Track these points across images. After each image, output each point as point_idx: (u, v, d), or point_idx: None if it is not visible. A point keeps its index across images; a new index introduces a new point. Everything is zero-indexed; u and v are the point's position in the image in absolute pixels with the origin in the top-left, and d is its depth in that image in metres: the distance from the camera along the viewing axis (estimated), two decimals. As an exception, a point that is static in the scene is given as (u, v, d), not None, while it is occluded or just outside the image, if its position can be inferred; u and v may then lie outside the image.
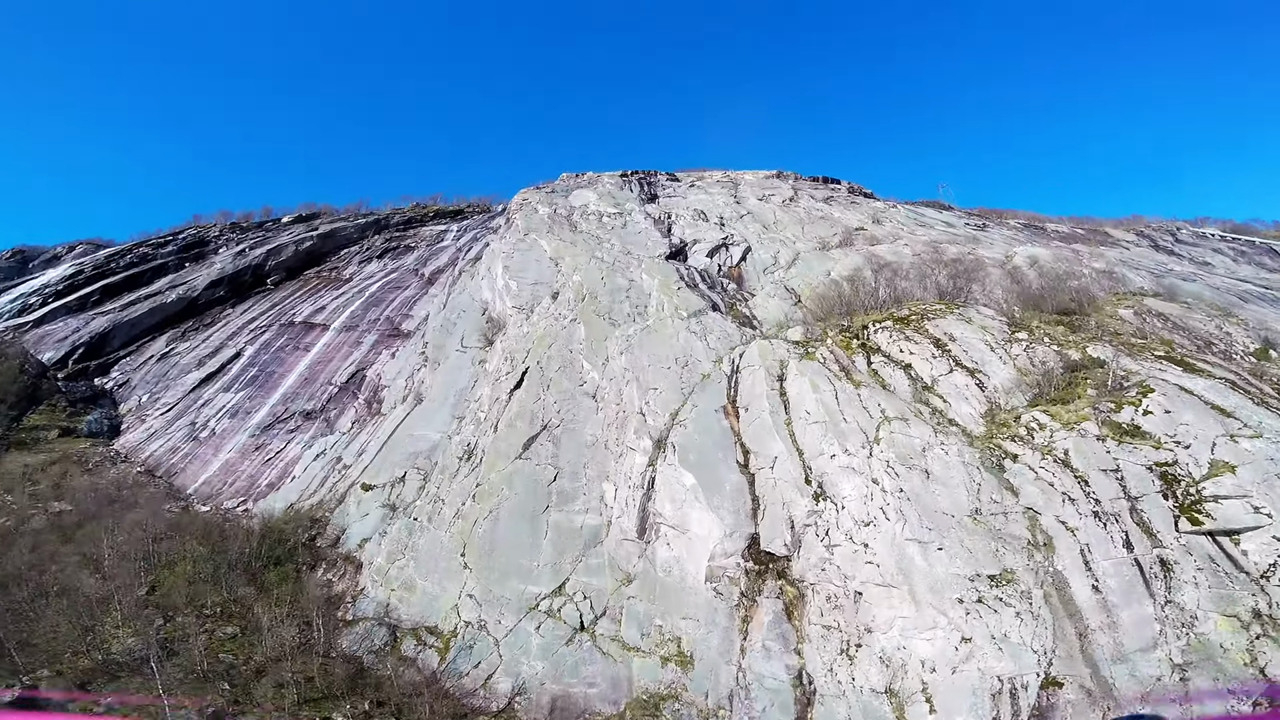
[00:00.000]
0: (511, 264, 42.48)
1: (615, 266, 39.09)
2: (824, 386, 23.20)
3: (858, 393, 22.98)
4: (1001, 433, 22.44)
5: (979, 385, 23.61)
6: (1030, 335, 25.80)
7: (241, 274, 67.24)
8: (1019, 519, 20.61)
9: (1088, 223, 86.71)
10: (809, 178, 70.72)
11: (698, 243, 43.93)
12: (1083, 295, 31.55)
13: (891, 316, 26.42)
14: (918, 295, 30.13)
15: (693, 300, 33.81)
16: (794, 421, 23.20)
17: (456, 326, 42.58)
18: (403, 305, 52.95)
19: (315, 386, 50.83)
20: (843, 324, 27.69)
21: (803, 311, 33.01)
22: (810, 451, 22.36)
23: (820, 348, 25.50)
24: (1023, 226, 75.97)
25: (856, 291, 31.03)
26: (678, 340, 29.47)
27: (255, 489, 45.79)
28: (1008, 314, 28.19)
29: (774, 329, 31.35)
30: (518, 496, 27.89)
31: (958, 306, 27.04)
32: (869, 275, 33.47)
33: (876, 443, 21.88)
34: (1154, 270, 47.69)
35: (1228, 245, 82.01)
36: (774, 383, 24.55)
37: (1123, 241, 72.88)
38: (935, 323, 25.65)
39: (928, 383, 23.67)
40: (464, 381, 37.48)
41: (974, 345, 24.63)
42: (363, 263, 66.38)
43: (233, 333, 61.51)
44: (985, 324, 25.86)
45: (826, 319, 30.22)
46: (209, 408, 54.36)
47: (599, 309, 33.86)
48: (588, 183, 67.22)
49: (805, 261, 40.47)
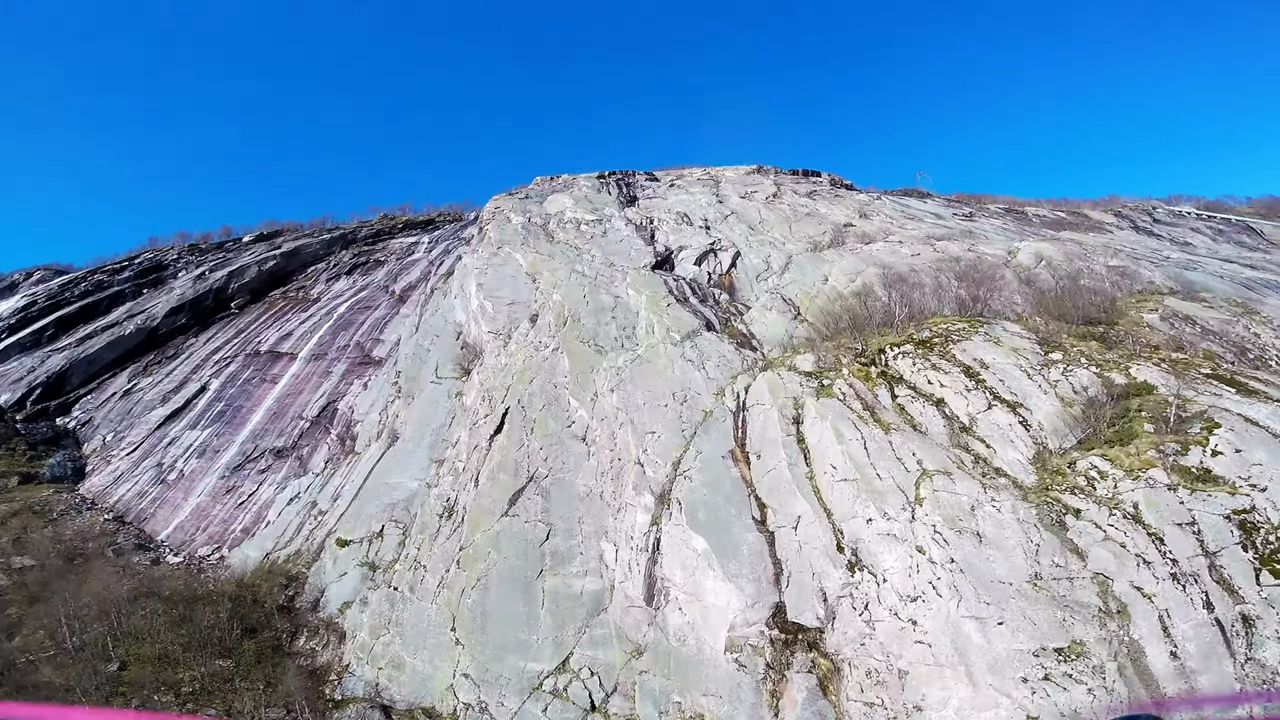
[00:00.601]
0: (485, 281, 38.31)
1: (598, 281, 35.16)
2: (849, 433, 19.60)
3: (889, 439, 19.44)
4: (1057, 483, 19.09)
5: (1023, 423, 20.21)
6: (1065, 355, 22.46)
7: (203, 299, 61.99)
8: (1087, 585, 17.32)
9: (1065, 205, 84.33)
10: (789, 171, 67.06)
11: (684, 249, 40.08)
12: (1103, 299, 28.39)
13: (911, 339, 22.86)
14: (930, 307, 26.69)
15: (685, 319, 30.03)
16: (818, 475, 19.64)
17: (430, 354, 38.37)
18: (373, 328, 48.46)
19: (285, 422, 46.35)
20: (855, 347, 24.08)
21: (805, 327, 29.40)
22: (841, 513, 18.86)
23: (837, 380, 21.87)
24: (1004, 212, 73.23)
25: (864, 305, 27.49)
26: (673, 371, 25.71)
27: (229, 535, 41.67)
28: (1033, 329, 24.85)
29: (776, 350, 27.74)
30: (507, 561, 24.11)
31: (981, 324, 23.58)
32: (875, 286, 29.97)
33: (919, 504, 18.40)
34: (1152, 259, 44.92)
35: (1205, 224, 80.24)
36: (789, 426, 20.94)
37: (1105, 224, 70.41)
38: (962, 346, 22.15)
39: (965, 423, 20.19)
40: (440, 418, 33.42)
41: (1009, 373, 21.21)
42: (330, 280, 61.47)
43: (197, 365, 56.47)
44: (1016, 345, 22.43)
45: (834, 338, 26.66)
46: (176, 446, 49.70)
47: (583, 334, 29.96)
48: (563, 186, 62.82)
49: (799, 266, 36.84)
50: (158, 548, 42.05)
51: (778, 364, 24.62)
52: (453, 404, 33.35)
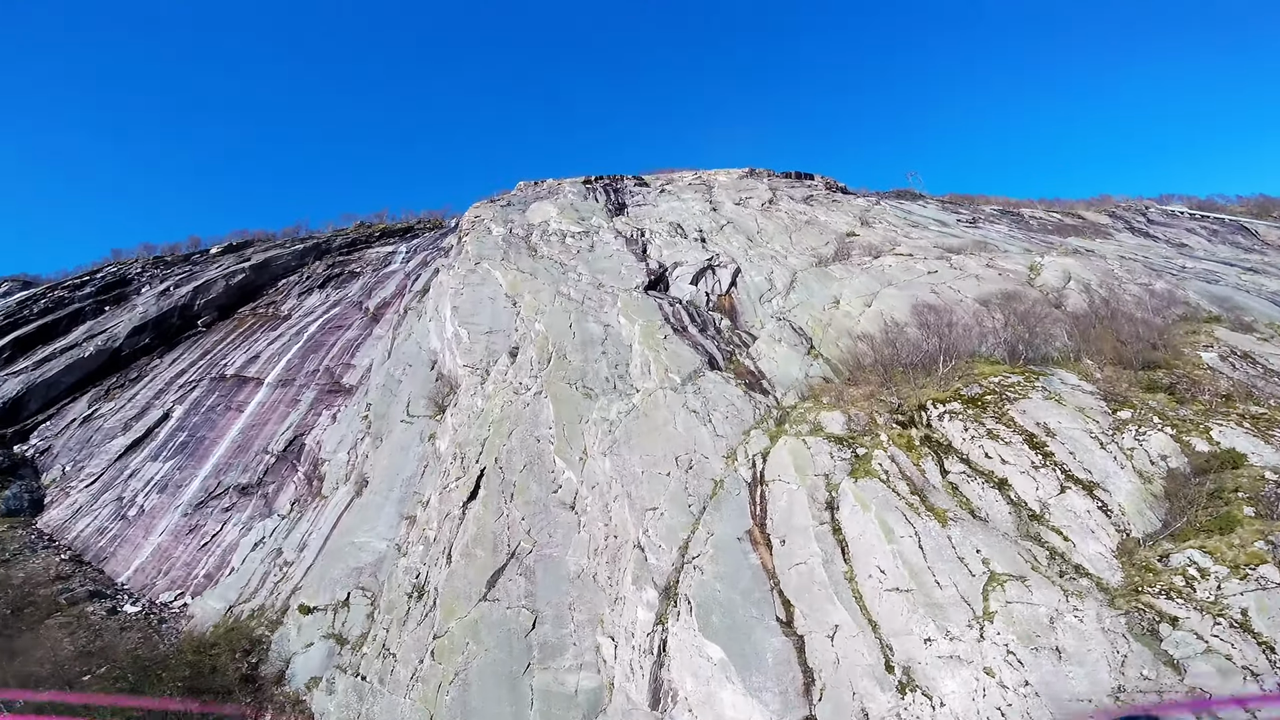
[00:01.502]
0: (461, 304, 33.55)
1: (585, 307, 30.56)
2: (900, 528, 15.31)
3: (947, 534, 15.20)
4: (1149, 582, 14.96)
5: (1102, 508, 16.04)
6: (1135, 414, 18.30)
7: (167, 316, 56.44)
8: (1185, 704, 13.40)
9: (1058, 205, 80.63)
10: (782, 174, 62.58)
11: (679, 266, 35.53)
12: (1149, 331, 24.31)
13: (959, 396, 18.53)
14: (965, 344, 22.41)
15: (684, 355, 25.56)
16: (860, 579, 15.37)
17: (401, 386, 33.60)
18: (344, 351, 43.48)
19: (250, 455, 41.37)
20: (890, 401, 19.76)
21: (820, 364, 25.04)
22: (890, 627, 14.65)
23: (874, 450, 17.53)
24: (1000, 214, 69.34)
25: (889, 339, 23.19)
26: (675, 426, 21.26)
27: (192, 579, 36.85)
28: (1086, 373, 20.72)
29: (791, 394, 23.37)
30: (489, 653, 19.63)
31: (1036, 375, 19.30)
32: (895, 312, 25.68)
33: (988, 619, 14.16)
34: (1170, 269, 41.08)
35: (1199, 224, 76.93)
36: (821, 512, 16.63)
37: (1105, 227, 66.73)
38: (1021, 407, 17.86)
39: (1035, 509, 15.96)
40: (411, 466, 28.77)
41: (1079, 442, 17.00)
42: (302, 295, 56.17)
43: (160, 389, 51.07)
44: (1081, 403, 18.20)
45: (857, 380, 22.35)
46: (137, 479, 44.54)
47: (569, 373, 25.40)
48: (548, 192, 57.83)
49: (805, 285, 32.46)
50: (115, 594, 37.17)
51: (797, 419, 20.18)
52: (425, 450, 28.70)
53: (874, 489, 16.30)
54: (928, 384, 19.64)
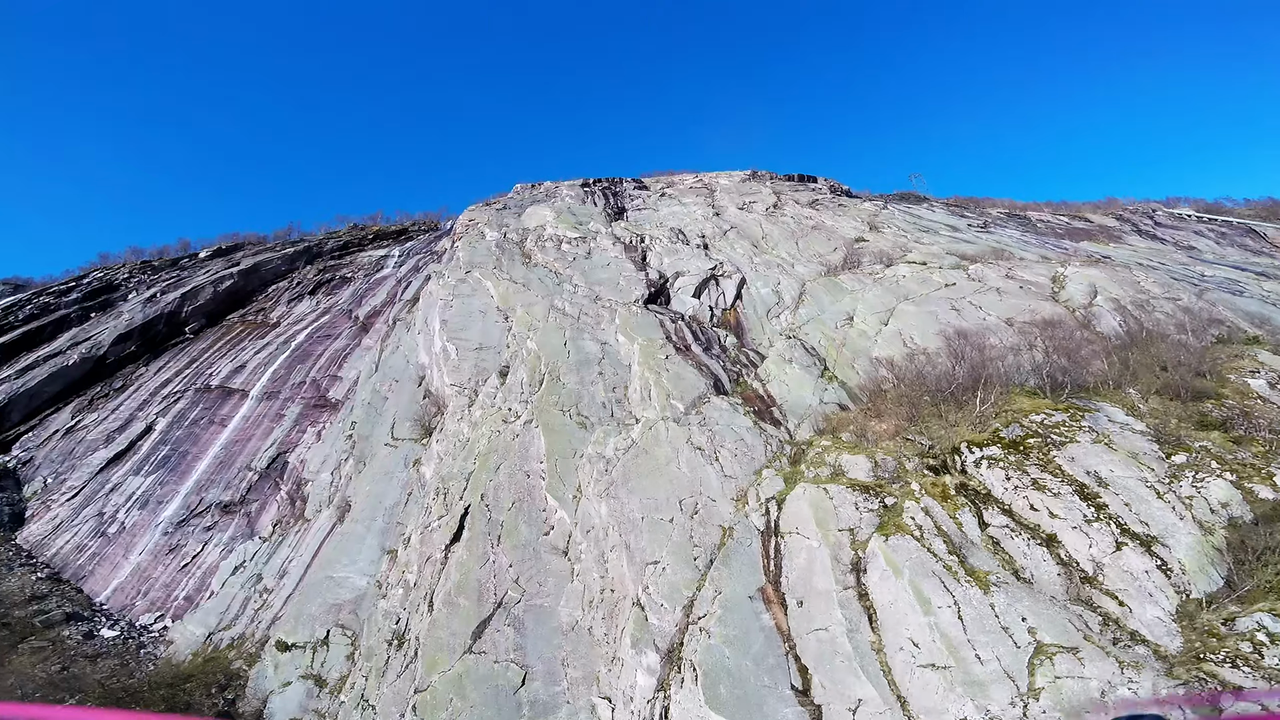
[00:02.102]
0: (450, 317, 31.34)
1: (581, 323, 28.37)
2: (938, 598, 13.14)
3: (990, 602, 13.05)
4: (1211, 649, 12.90)
5: (1161, 567, 13.95)
6: (1191, 457, 16.15)
7: (154, 324, 54.19)
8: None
9: (1065, 208, 78.32)
10: (785, 177, 60.29)
11: (680, 276, 33.30)
12: (1189, 355, 22.14)
13: (998, 438, 16.33)
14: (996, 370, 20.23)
15: (688, 378, 23.37)
16: (889, 650, 13.24)
17: (387, 405, 31.43)
18: (332, 362, 41.28)
19: (233, 472, 39.23)
20: (920, 442, 17.58)
21: (836, 388, 22.85)
22: (922, 705, 12.51)
23: (906, 500, 15.36)
24: (1007, 217, 67.07)
25: (917, 370, 21.00)
26: (678, 464, 19.10)
27: (171, 601, 34.82)
28: (1128, 406, 18.56)
29: (805, 425, 21.18)
30: (475, 711, 17.48)
31: (1082, 413, 17.10)
32: (915, 333, 23.49)
33: (1033, 695, 12.04)
34: (1191, 278, 38.92)
35: (1207, 227, 74.66)
36: (845, 574, 14.47)
37: (1116, 231, 64.49)
38: (1069, 453, 15.67)
39: (1088, 570, 13.81)
40: (394, 494, 26.62)
41: (1134, 491, 14.84)
42: (292, 301, 53.91)
43: (144, 400, 48.86)
44: (1134, 446, 16.02)
45: (880, 412, 20.18)
46: (118, 494, 42.44)
47: (563, 399, 23.21)
48: (545, 195, 55.54)
49: (815, 298, 30.25)
50: (93, 616, 35.09)
51: (815, 460, 17.99)
52: (409, 476, 26.54)
53: (907, 549, 14.14)
54: (960, 421, 17.43)
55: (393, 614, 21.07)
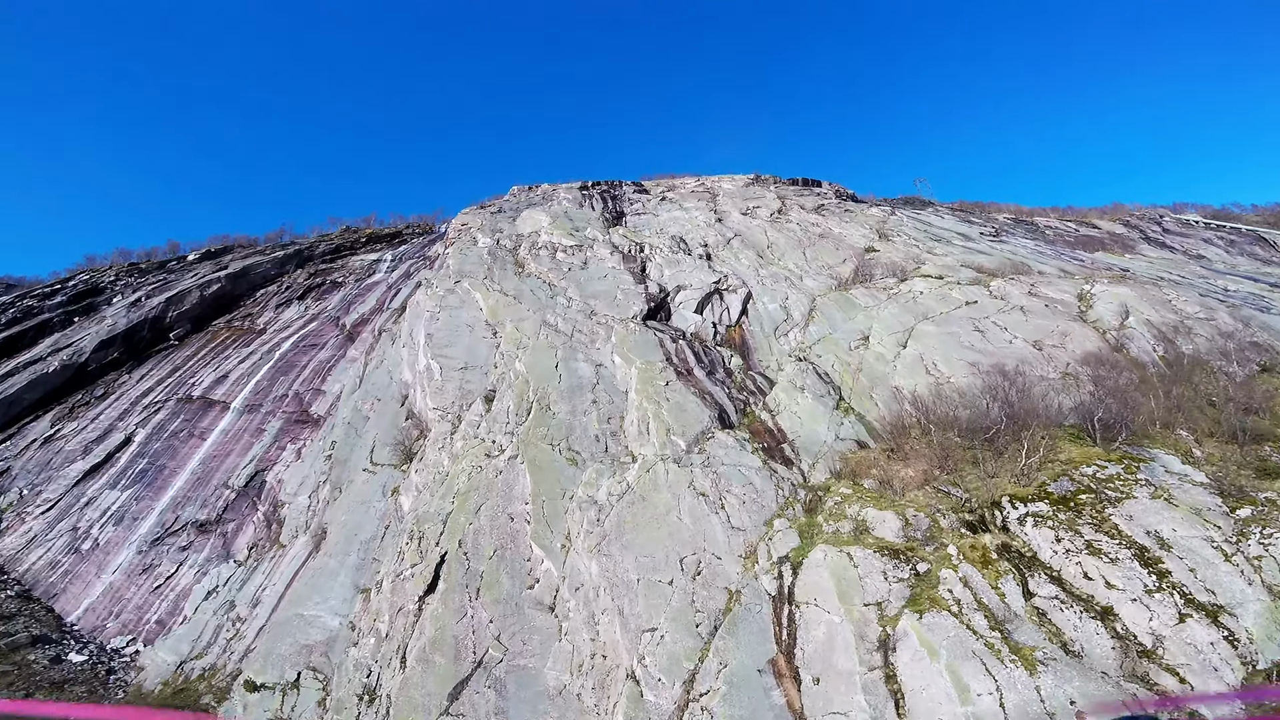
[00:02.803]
0: (436, 331, 29.02)
1: (574, 341, 26.03)
2: (978, 684, 10.81)
3: (1035, 684, 10.77)
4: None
5: (1228, 639, 11.75)
6: (1256, 511, 13.84)
7: (137, 329, 51.82)
8: None
9: (1071, 214, 75.99)
10: (789, 181, 57.95)
11: (682, 289, 30.95)
12: (1240, 390, 19.84)
13: (1046, 494, 14.02)
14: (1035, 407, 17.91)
15: (690, 408, 21.03)
16: (932, 760, 11.05)
17: (368, 426, 29.09)
18: (315, 374, 38.95)
19: (210, 489, 36.94)
20: (956, 495, 15.26)
21: (854, 422, 20.51)
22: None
23: (942, 570, 13.05)
24: (1014, 223, 64.74)
25: (943, 402, 18.68)
26: (679, 514, 16.80)
27: (143, 625, 32.54)
28: (1188, 453, 16.25)
29: (820, 465, 18.86)
30: (443, 788, 15.40)
31: (1136, 463, 14.82)
32: (939, 359, 21.16)
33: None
34: (1215, 292, 36.65)
35: (1215, 234, 72.40)
36: (871, 653, 12.18)
37: (1129, 240, 62.19)
38: (1125, 509, 13.36)
39: (1147, 644, 11.59)
40: (370, 527, 24.31)
41: (1198, 553, 12.55)
42: (280, 307, 51.54)
43: (124, 410, 46.54)
44: (1194, 500, 13.70)
45: (905, 452, 17.88)
46: (93, 509, 40.13)
47: (552, 431, 20.87)
48: (541, 198, 53.14)
49: (826, 315, 27.92)
50: (62, 639, 32.78)
51: (834, 512, 15.67)
52: (386, 507, 24.23)
53: (944, 628, 11.87)
54: (1001, 471, 15.09)
55: (364, 665, 18.77)
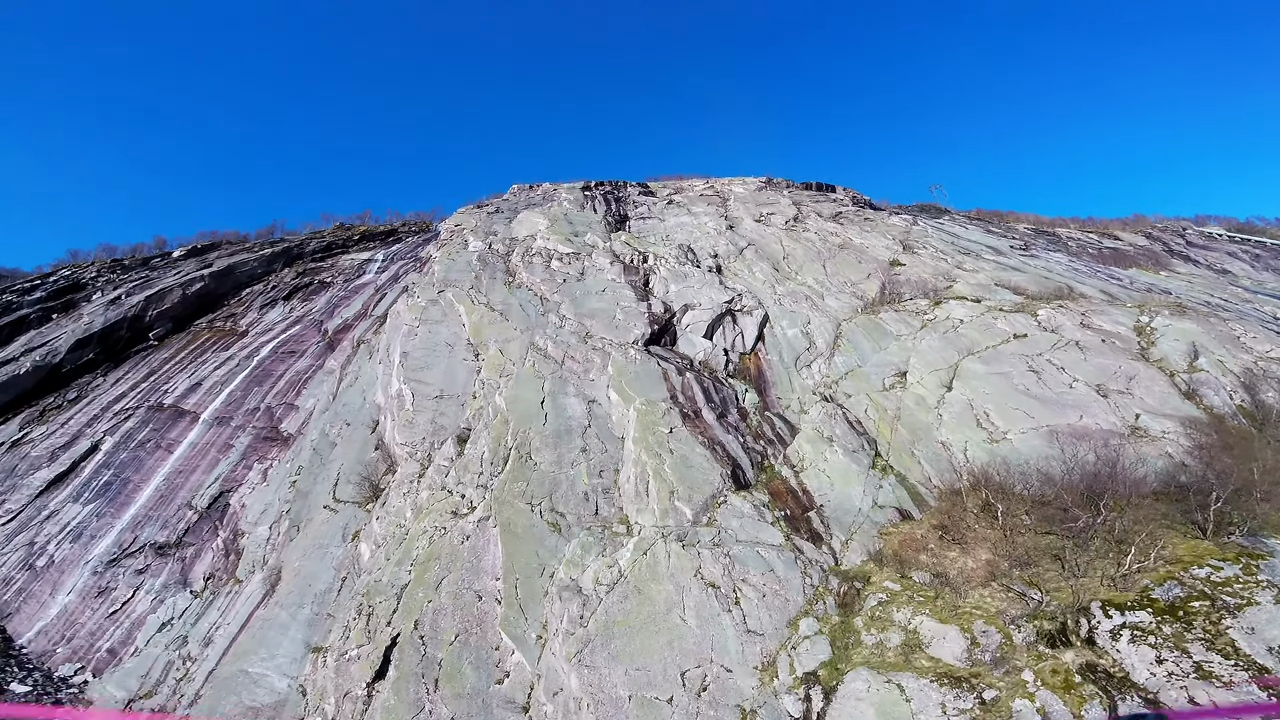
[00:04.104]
0: (413, 349, 25.16)
1: (565, 370, 22.10)
2: None
3: None
4: None
5: None
6: None
7: (115, 329, 48.05)
8: None
9: (1092, 225, 71.56)
10: (802, 185, 53.75)
11: (689, 309, 26.95)
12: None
13: (1149, 600, 10.08)
14: (1117, 476, 14.01)
15: (697, 462, 17.11)
16: None
17: (335, 454, 25.27)
18: (291, 386, 35.14)
19: (172, 509, 33.23)
20: (1030, 597, 11.40)
21: (893, 484, 16.55)
22: None
23: (1015, 700, 9.14)
24: (1036, 234, 60.53)
25: (1006, 469, 14.73)
26: (683, 612, 12.93)
27: (94, 653, 28.82)
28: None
29: (854, 544, 14.93)
30: None
31: (1254, 558, 10.94)
32: (991, 410, 17.19)
33: None
34: (1258, 315, 32.57)
35: (1240, 248, 68.03)
36: None
37: (1146, 249, 57.90)
38: (1244, 619, 9.41)
39: None
40: (326, 577, 20.54)
41: None
42: (265, 308, 47.71)
43: (95, 415, 42.85)
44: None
45: (960, 531, 13.97)
46: (53, 523, 36.38)
47: (532, 487, 16.97)
48: (542, 198, 49.09)
49: (853, 343, 23.92)
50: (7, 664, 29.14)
51: (878, 617, 11.75)
52: (345, 555, 20.42)
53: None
54: (1090, 569, 11.18)
55: (297, 771, 15.04)
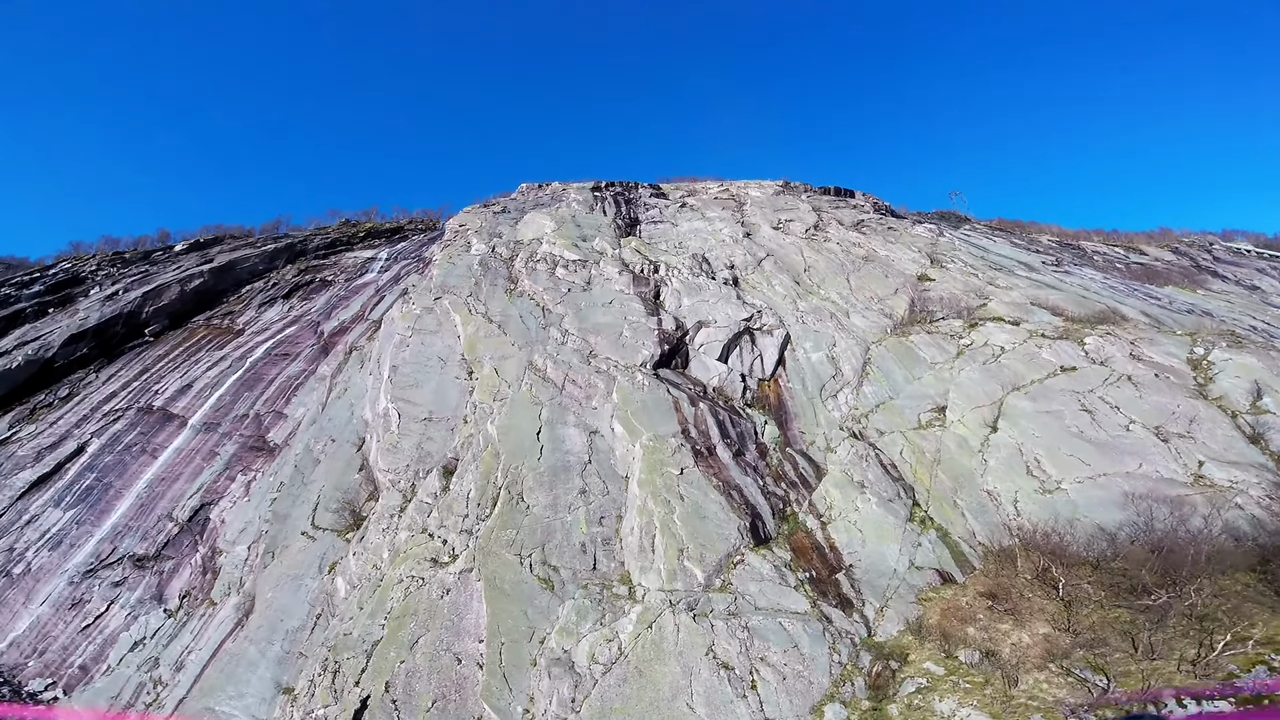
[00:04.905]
0: (402, 363, 23.05)
1: (565, 396, 19.87)
2: None
3: None
4: None
5: None
6: None
7: (111, 324, 46.33)
8: None
9: (1116, 237, 68.62)
10: (820, 189, 51.29)
11: (704, 326, 24.67)
12: None
13: (1236, 694, 8.06)
14: (1192, 539, 11.72)
15: (711, 512, 14.88)
16: None
17: (317, 473, 23.24)
18: (281, 393, 33.17)
19: (152, 519, 31.34)
20: (1094, 683, 9.19)
21: (932, 541, 14.28)
22: None
23: None
24: (1061, 246, 57.79)
25: (1063, 526, 12.47)
26: (690, 698, 10.61)
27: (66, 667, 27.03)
28: None
29: (891, 613, 12.65)
30: None
31: None
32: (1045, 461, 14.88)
33: None
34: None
35: (1269, 264, 65.00)
36: None
37: (1177, 265, 55.05)
38: None
39: None
40: (299, 613, 18.50)
41: None
42: (263, 305, 45.87)
43: (85, 414, 41.11)
44: None
45: (1011, 600, 11.73)
46: (33, 529, 34.65)
47: (523, 537, 14.80)
48: (550, 199, 46.91)
49: (883, 369, 21.59)
50: None
51: (916, 707, 9.61)
52: (320, 590, 18.38)
53: None
54: (1164, 649, 8.93)
55: None
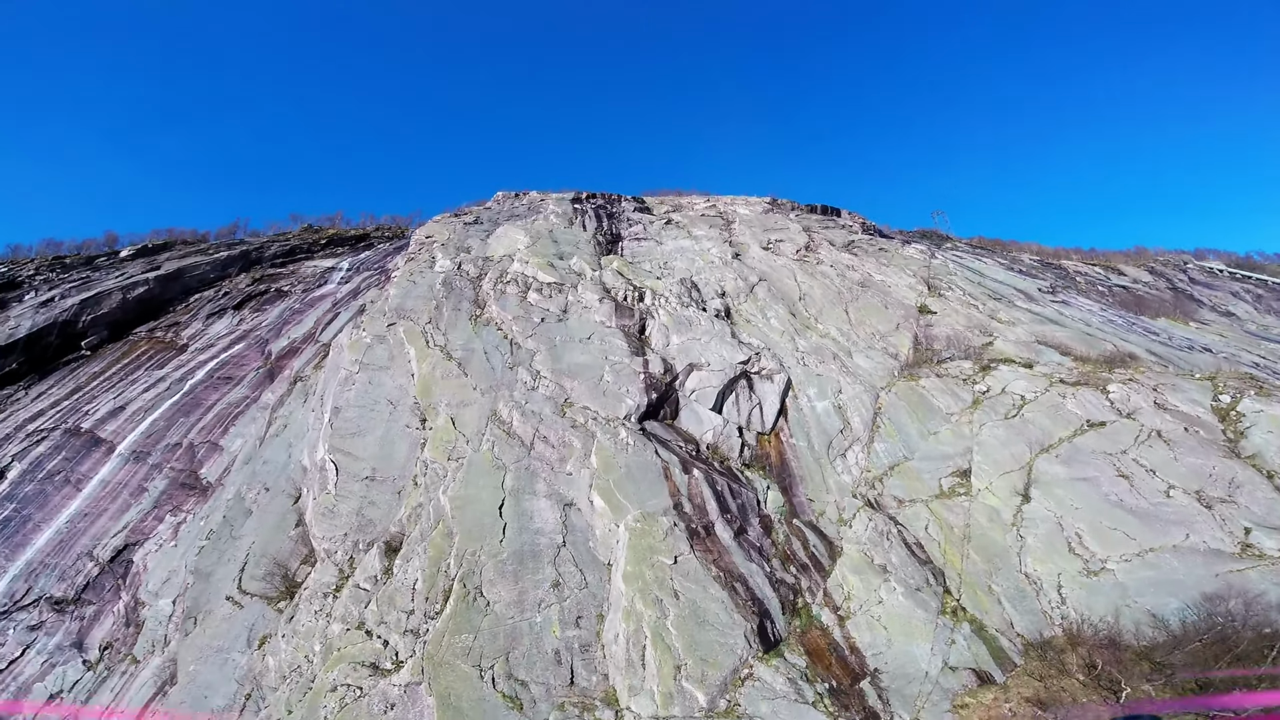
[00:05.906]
0: (346, 405, 19.85)
1: (534, 457, 16.95)
2: None
3: None
4: None
5: None
6: None
7: (44, 335, 41.73)
8: None
9: (1095, 256, 68.29)
10: (807, 207, 49.30)
11: (695, 370, 21.98)
12: None
13: None
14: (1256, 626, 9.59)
15: (712, 613, 12.18)
16: None
17: (247, 526, 19.91)
18: (219, 422, 29.53)
19: (72, 558, 27.38)
20: None
21: (967, 637, 11.93)
22: None
23: None
24: (1043, 266, 56.95)
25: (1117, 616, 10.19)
26: None
27: None
28: None
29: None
30: None
31: None
32: (1091, 541, 12.66)
33: None
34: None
35: (1242, 286, 65.24)
36: None
37: (1164, 290, 54.54)
38: None
39: None
40: (223, 693, 15.13)
41: None
42: (211, 317, 41.86)
43: (7, 435, 36.90)
44: None
45: (1068, 715, 9.40)
46: (-62, 563, 30.67)
47: (482, 643, 11.84)
48: (527, 209, 43.84)
49: (895, 424, 19.22)
50: None
51: None
52: (246, 669, 15.19)
53: None
54: None
55: None
